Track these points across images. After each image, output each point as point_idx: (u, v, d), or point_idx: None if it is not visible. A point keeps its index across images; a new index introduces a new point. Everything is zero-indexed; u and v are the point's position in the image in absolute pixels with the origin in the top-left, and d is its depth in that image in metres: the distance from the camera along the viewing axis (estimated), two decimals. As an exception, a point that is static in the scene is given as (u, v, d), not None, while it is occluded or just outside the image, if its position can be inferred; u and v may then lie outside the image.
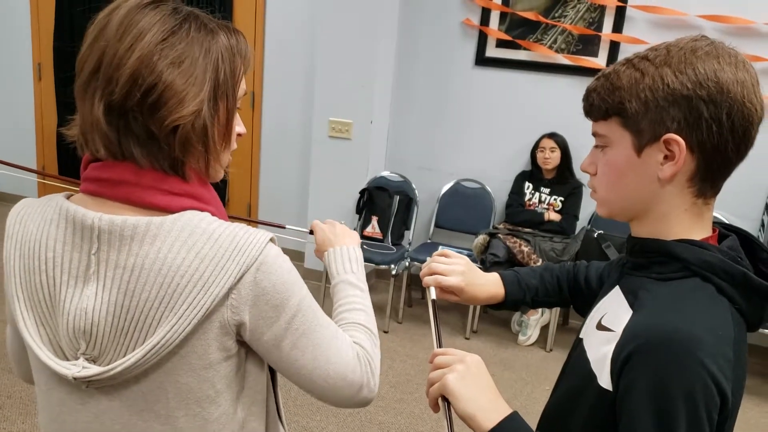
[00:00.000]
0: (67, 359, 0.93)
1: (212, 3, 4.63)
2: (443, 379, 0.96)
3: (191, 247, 0.87)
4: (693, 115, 0.85)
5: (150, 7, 0.90)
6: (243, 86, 0.99)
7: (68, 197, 0.96)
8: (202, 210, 0.93)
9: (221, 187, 4.88)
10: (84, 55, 0.90)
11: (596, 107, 0.93)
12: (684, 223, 0.91)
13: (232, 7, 4.64)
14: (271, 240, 0.94)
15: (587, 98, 0.95)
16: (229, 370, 0.95)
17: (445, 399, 0.96)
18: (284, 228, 1.45)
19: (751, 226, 3.71)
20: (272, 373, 1.10)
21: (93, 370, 0.90)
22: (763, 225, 3.65)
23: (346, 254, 1.20)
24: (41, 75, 5.37)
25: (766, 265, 0.92)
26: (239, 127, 1.02)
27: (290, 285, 0.94)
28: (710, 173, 0.88)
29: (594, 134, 0.96)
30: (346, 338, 1.02)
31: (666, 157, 0.88)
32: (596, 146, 0.96)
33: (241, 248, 0.89)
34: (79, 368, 0.90)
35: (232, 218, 1.58)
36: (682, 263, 0.89)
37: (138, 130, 0.89)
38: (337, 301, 1.14)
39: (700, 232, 0.91)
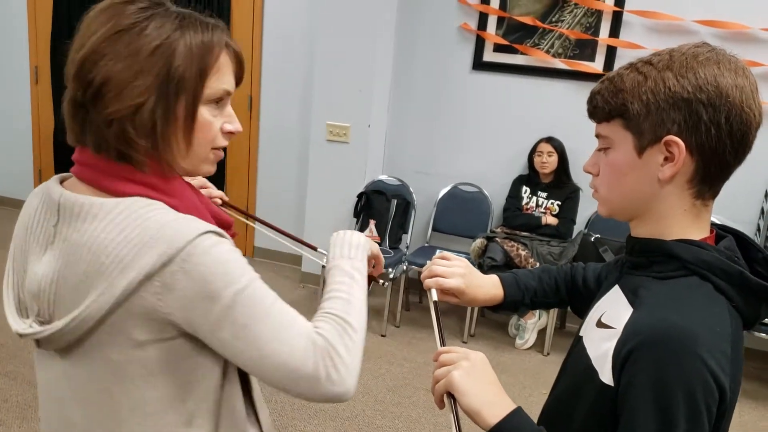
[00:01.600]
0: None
1: (210, 7, 4.63)
2: (449, 375, 0.98)
3: (122, 229, 0.90)
4: (693, 118, 0.88)
5: (127, 3, 0.93)
6: (220, 86, 0.98)
7: (63, 179, 1.02)
8: (157, 199, 0.95)
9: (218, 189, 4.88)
10: (68, 51, 0.97)
11: (600, 109, 0.96)
12: (683, 224, 0.94)
13: (230, 11, 4.65)
14: (216, 234, 0.93)
15: (591, 100, 0.98)
16: (163, 355, 0.94)
17: (450, 395, 0.97)
18: (316, 250, 1.42)
19: (746, 230, 3.72)
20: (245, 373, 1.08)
21: (33, 329, 0.96)
22: (758, 229, 3.67)
23: (348, 239, 1.15)
24: (38, 78, 5.37)
25: (761, 265, 0.95)
26: (230, 125, 1.03)
27: (223, 275, 0.90)
28: (709, 175, 0.91)
29: (597, 136, 0.99)
30: (304, 328, 0.94)
31: (666, 159, 0.91)
32: (599, 148, 0.99)
33: (166, 236, 0.89)
34: (26, 326, 0.97)
35: (259, 220, 1.52)
36: (680, 262, 0.91)
37: (92, 121, 0.94)
38: (325, 288, 1.08)
39: (698, 232, 0.94)
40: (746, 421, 3.28)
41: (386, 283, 1.36)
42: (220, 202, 1.34)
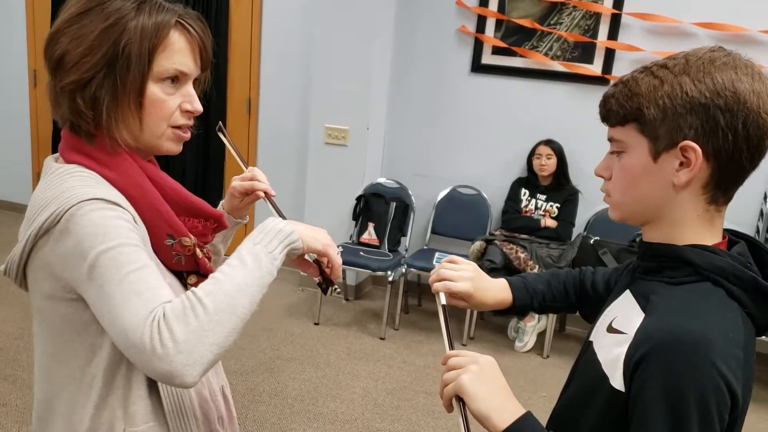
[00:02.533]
0: None
1: (208, 11, 4.64)
2: (458, 379, 0.97)
3: (44, 189, 1.01)
4: (710, 124, 0.87)
5: None
6: (171, 65, 1.04)
7: None
8: (97, 172, 1.03)
9: (218, 192, 4.87)
10: None
11: (614, 113, 0.95)
12: (696, 229, 0.93)
13: (228, 15, 4.65)
14: (106, 202, 0.97)
15: (605, 104, 0.97)
16: (69, 313, 1.01)
17: (459, 399, 0.97)
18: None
19: (745, 232, 3.72)
20: None
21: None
22: (757, 231, 3.67)
23: (268, 226, 1.04)
24: (37, 81, 5.37)
25: None
26: (188, 104, 1.08)
27: (93, 236, 0.94)
28: (724, 181, 0.91)
29: (610, 139, 0.98)
30: (153, 301, 0.92)
31: (682, 164, 0.90)
32: (612, 151, 0.98)
33: (60, 197, 0.97)
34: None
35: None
36: (693, 268, 0.91)
37: (54, 95, 1.05)
38: None
39: (711, 238, 0.94)
40: (746, 422, 3.27)
41: (337, 290, 1.22)
42: (262, 195, 1.37)
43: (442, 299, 1.20)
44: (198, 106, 1.09)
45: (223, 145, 1.41)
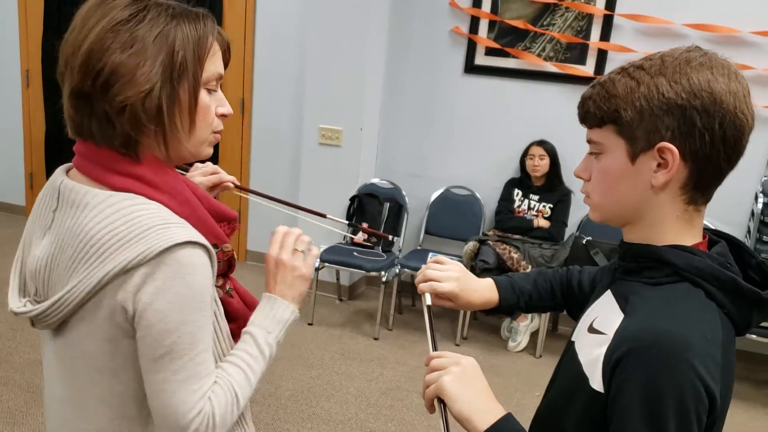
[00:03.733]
0: None
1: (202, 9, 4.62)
2: (439, 380, 0.97)
3: (109, 222, 0.94)
4: (687, 125, 0.87)
5: (111, 1, 0.97)
6: (215, 69, 1.04)
7: (68, 169, 1.06)
8: (149, 195, 0.98)
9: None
10: (60, 49, 1.00)
11: (591, 114, 0.94)
12: (675, 230, 0.93)
13: (222, 14, 4.65)
14: (199, 247, 0.95)
15: (582, 105, 0.96)
16: (131, 350, 0.97)
17: (441, 400, 0.97)
18: (325, 217, 1.45)
19: (737, 232, 3.75)
20: None
21: (25, 308, 1.01)
22: (749, 231, 3.69)
23: (275, 312, 1.12)
24: (29, 81, 5.35)
25: (755, 271, 0.94)
26: (223, 108, 1.08)
27: (186, 299, 0.94)
28: (702, 181, 0.90)
29: (588, 141, 0.97)
30: (204, 387, 0.98)
31: (659, 165, 0.89)
32: (590, 153, 0.98)
33: (148, 237, 0.92)
34: (21, 305, 1.02)
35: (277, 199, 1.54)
36: (672, 268, 0.91)
37: (97, 111, 0.96)
38: (233, 350, 1.08)
39: (690, 238, 0.93)
40: (737, 422, 3.30)
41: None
42: (232, 186, 1.39)
43: (428, 300, 1.20)
44: (230, 109, 1.10)
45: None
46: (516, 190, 4.14)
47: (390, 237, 1.32)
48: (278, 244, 1.18)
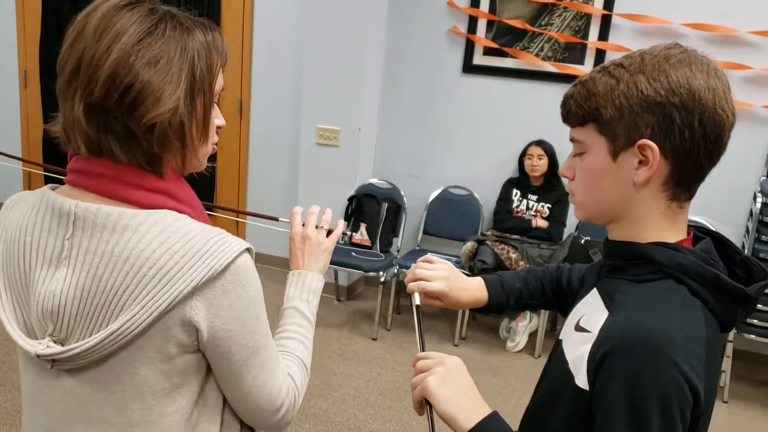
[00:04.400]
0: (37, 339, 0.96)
1: (200, 10, 4.62)
2: (423, 381, 0.98)
3: (163, 241, 0.90)
4: (666, 122, 0.87)
5: (126, 9, 0.93)
6: (220, 81, 1.02)
7: (54, 189, 0.99)
8: (178, 209, 0.96)
9: (209, 194, 4.87)
10: (64, 56, 0.93)
11: (573, 113, 0.95)
12: (659, 227, 0.93)
13: (220, 14, 4.65)
14: (248, 251, 0.97)
15: (564, 105, 0.97)
16: (187, 367, 0.97)
17: (428, 401, 0.98)
18: (277, 220, 1.46)
19: (735, 232, 3.75)
20: None
21: (54, 349, 0.93)
22: (747, 230, 3.68)
23: (308, 283, 1.22)
24: (27, 82, 5.34)
25: (740, 268, 0.95)
26: (218, 119, 1.05)
27: (255, 301, 0.97)
28: (684, 178, 0.91)
29: (571, 140, 0.98)
30: (283, 367, 1.06)
31: (641, 162, 0.90)
32: (574, 152, 0.99)
33: (213, 251, 0.92)
34: (43, 347, 0.94)
35: (222, 208, 1.58)
36: (656, 265, 0.91)
37: (117, 127, 0.92)
38: (283, 325, 1.17)
39: (674, 235, 0.94)
40: (735, 422, 3.29)
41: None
42: None
43: (417, 299, 1.20)
44: (224, 121, 1.08)
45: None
46: (514, 190, 4.13)
47: (349, 233, 1.37)
48: (300, 222, 1.28)
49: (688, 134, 0.87)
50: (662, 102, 0.87)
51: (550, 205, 4.02)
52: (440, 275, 1.22)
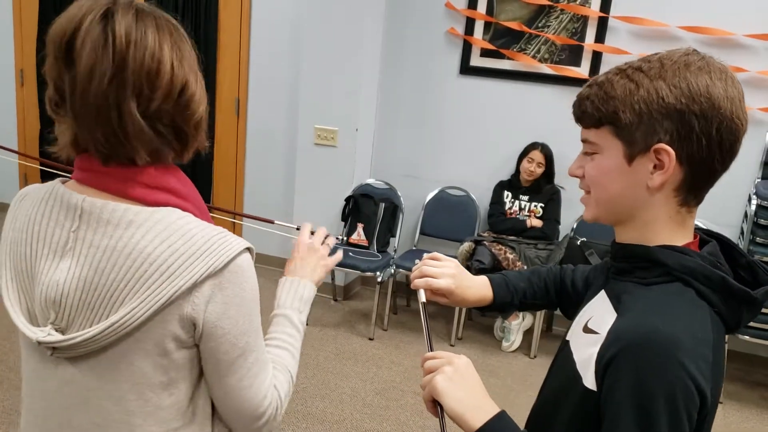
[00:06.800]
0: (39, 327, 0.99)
1: (197, 11, 4.63)
2: (432, 381, 0.99)
3: (165, 239, 0.93)
4: (685, 129, 0.88)
5: (132, 13, 0.93)
6: None
7: (64, 182, 1.02)
8: (182, 207, 0.99)
9: (207, 193, 4.87)
10: (89, 63, 0.91)
11: (588, 115, 0.95)
12: (667, 230, 0.94)
13: (218, 15, 4.64)
14: (249, 250, 0.99)
15: (579, 105, 0.96)
16: (184, 362, 0.99)
17: (438, 402, 0.98)
18: (273, 223, 1.48)
19: (730, 233, 3.77)
20: None
21: (55, 337, 0.95)
22: (742, 232, 3.71)
23: (300, 291, 1.24)
24: (23, 81, 5.34)
25: (745, 271, 0.95)
26: None
27: (250, 301, 0.99)
28: (696, 184, 0.92)
29: (583, 140, 0.98)
30: (270, 373, 1.07)
31: (656, 167, 0.90)
32: (585, 152, 0.99)
33: (213, 249, 0.94)
34: (45, 334, 0.96)
35: (219, 209, 1.63)
36: (664, 268, 0.92)
37: (161, 130, 0.96)
38: (273, 333, 1.18)
39: (682, 238, 0.94)
40: (730, 422, 3.31)
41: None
42: None
43: (422, 297, 1.21)
44: None
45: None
46: (506, 192, 4.14)
47: (336, 237, 1.39)
48: (309, 235, 1.33)
49: (705, 142, 0.88)
50: (682, 109, 0.87)
51: (542, 204, 4.04)
52: (447, 272, 1.22)
